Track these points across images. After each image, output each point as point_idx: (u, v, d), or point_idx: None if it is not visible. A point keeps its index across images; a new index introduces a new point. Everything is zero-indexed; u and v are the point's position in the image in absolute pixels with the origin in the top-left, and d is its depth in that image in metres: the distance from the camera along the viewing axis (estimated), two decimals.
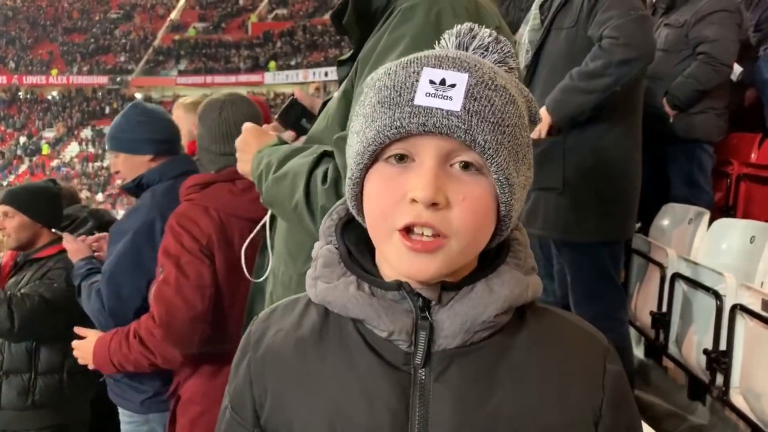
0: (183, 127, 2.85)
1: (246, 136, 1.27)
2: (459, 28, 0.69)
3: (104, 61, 40.81)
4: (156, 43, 41.49)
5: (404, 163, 0.63)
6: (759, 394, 2.10)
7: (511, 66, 0.69)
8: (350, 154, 0.68)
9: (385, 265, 0.69)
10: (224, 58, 38.78)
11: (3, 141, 37.44)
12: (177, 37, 41.27)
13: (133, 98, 34.98)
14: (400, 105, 0.62)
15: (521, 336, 0.68)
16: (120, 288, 1.93)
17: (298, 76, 33.60)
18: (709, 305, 2.40)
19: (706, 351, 2.36)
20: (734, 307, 2.24)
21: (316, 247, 0.73)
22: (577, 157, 2.41)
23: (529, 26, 2.64)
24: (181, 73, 38.88)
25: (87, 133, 36.85)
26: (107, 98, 38.70)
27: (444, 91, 0.61)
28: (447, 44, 0.69)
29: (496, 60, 0.68)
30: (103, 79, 39.58)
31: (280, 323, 0.73)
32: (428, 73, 0.62)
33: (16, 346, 2.42)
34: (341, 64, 1.24)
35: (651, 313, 2.85)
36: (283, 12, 41.52)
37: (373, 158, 0.64)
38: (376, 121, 0.63)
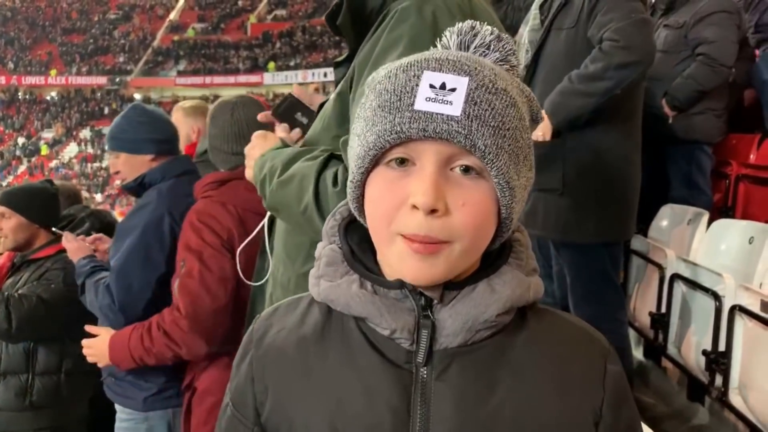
0: (182, 131, 2.86)
1: (254, 142, 1.27)
2: (460, 26, 0.69)
3: (103, 61, 40.80)
4: (155, 43, 41.50)
5: (405, 166, 0.63)
6: (758, 395, 2.10)
7: (513, 64, 0.69)
8: (351, 156, 0.68)
9: (387, 265, 0.69)
10: (223, 58, 38.79)
11: (2, 142, 37.43)
12: (176, 38, 41.29)
13: (132, 99, 35.09)
14: (400, 110, 0.62)
15: (522, 336, 0.69)
16: (130, 283, 1.97)
17: (297, 76, 33.62)
18: (708, 306, 2.40)
19: (705, 352, 2.36)
20: (733, 308, 2.24)
21: (319, 247, 0.73)
22: (577, 159, 2.41)
23: (529, 26, 2.64)
24: (180, 73, 38.88)
25: (86, 133, 36.83)
26: (106, 99, 38.68)
27: (444, 96, 0.61)
28: (449, 42, 0.69)
29: (497, 58, 0.68)
30: (102, 80, 39.58)
31: (282, 322, 0.74)
32: (428, 77, 0.62)
33: (14, 346, 2.42)
34: (338, 66, 1.24)
35: (650, 313, 2.86)
36: (282, 13, 41.54)
37: (374, 162, 0.65)
38: (377, 126, 0.63)
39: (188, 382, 1.99)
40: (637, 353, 3.21)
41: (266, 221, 1.36)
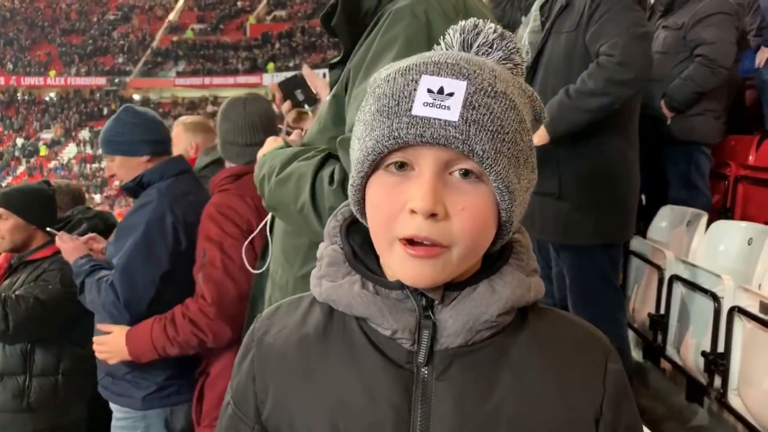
0: (180, 145, 2.90)
1: (264, 145, 1.29)
2: (463, 24, 0.69)
3: (102, 62, 40.79)
4: (154, 44, 41.49)
5: (404, 171, 0.63)
6: (757, 396, 2.10)
7: (516, 62, 0.69)
8: (352, 159, 0.68)
9: (389, 268, 0.69)
10: (222, 59, 38.79)
11: (1, 142, 37.40)
12: (175, 39, 41.28)
13: (131, 100, 35.09)
14: (398, 115, 0.62)
15: (523, 336, 0.69)
16: (135, 280, 1.99)
17: None
18: (707, 307, 2.40)
19: (704, 353, 2.36)
20: (732, 309, 2.24)
21: (321, 248, 0.74)
22: (574, 161, 2.40)
23: (529, 28, 2.63)
24: (180, 74, 38.87)
25: (85, 134, 36.80)
26: (105, 99, 38.66)
27: (442, 101, 0.61)
28: (452, 41, 0.69)
29: (500, 57, 0.68)
30: (101, 81, 39.56)
31: (284, 321, 0.74)
32: (426, 82, 0.62)
33: (11, 348, 2.41)
34: (333, 67, 1.25)
35: (649, 315, 2.86)
36: (281, 13, 41.56)
37: (374, 166, 0.65)
38: (375, 130, 0.63)
39: (202, 368, 2.04)
40: (636, 354, 3.21)
41: (268, 220, 1.37)
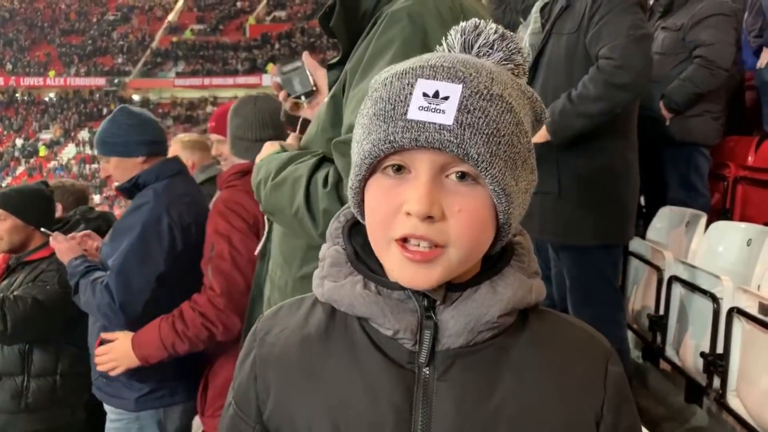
0: None
1: (261, 152, 1.29)
2: (464, 25, 0.69)
3: (102, 62, 40.79)
4: (154, 44, 41.49)
5: (401, 174, 0.64)
6: (756, 397, 2.10)
7: (518, 62, 0.69)
8: (352, 161, 0.69)
9: (388, 269, 0.69)
10: (222, 60, 38.79)
11: (0, 143, 37.38)
12: (175, 39, 41.28)
13: (130, 100, 35.07)
14: (393, 119, 0.62)
15: (524, 337, 0.69)
16: (130, 281, 1.98)
17: None
18: (706, 308, 2.40)
19: (703, 354, 2.36)
20: (731, 310, 2.24)
21: (324, 248, 0.74)
22: (573, 161, 2.40)
23: (529, 30, 2.63)
24: (179, 74, 38.88)
25: (84, 134, 36.78)
26: (105, 100, 38.65)
27: (437, 104, 0.61)
28: (453, 42, 0.69)
29: (501, 58, 0.68)
30: (100, 81, 39.56)
31: (285, 321, 0.74)
32: (422, 85, 0.62)
33: (9, 348, 2.41)
34: (331, 68, 1.25)
35: (648, 316, 2.86)
36: (281, 14, 41.57)
37: (371, 169, 0.65)
38: (372, 134, 0.64)
39: (206, 360, 2.07)
40: (636, 355, 3.21)
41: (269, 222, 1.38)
